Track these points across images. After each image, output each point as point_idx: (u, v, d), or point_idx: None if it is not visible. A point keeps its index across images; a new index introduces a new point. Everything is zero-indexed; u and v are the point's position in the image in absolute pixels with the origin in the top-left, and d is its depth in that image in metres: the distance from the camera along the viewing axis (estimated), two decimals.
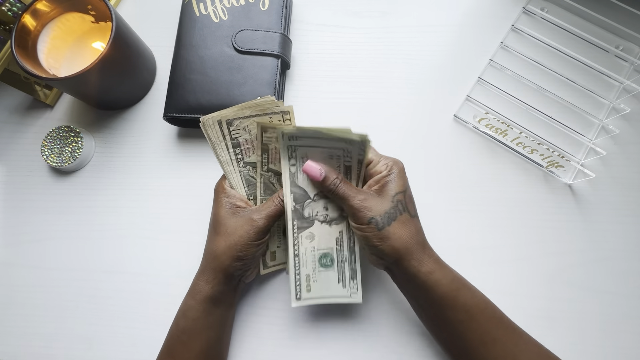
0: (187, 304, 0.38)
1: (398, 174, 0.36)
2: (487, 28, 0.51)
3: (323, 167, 0.37)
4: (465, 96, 0.48)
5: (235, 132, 0.39)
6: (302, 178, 0.38)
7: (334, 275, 0.39)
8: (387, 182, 0.36)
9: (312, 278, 0.38)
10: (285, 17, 0.50)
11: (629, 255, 0.43)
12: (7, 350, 0.45)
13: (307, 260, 0.38)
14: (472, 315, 0.34)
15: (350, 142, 0.36)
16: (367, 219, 0.34)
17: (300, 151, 0.37)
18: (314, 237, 0.38)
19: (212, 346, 0.38)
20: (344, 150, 0.37)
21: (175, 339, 0.38)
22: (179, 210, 0.48)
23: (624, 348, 0.40)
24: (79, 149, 0.49)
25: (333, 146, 0.37)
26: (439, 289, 0.34)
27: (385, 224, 0.34)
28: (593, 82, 0.48)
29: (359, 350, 0.41)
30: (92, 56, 0.44)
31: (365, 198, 0.35)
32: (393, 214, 0.35)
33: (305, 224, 0.38)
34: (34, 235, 0.49)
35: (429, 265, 0.35)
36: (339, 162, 0.38)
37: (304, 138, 0.37)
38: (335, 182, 0.36)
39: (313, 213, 0.38)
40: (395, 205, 0.35)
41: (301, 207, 0.38)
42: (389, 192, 0.36)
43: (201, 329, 0.37)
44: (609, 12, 0.48)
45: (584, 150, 0.46)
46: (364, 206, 0.35)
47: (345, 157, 0.37)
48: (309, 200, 0.38)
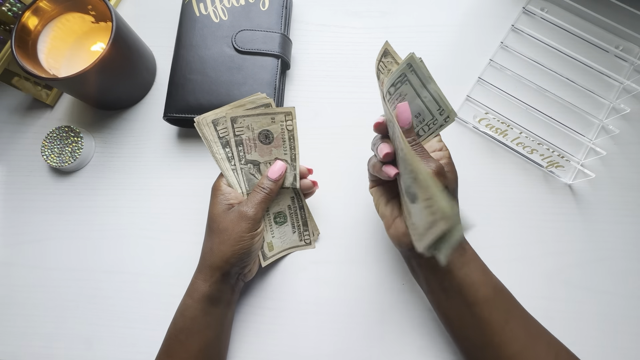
0: (185, 303, 0.38)
1: (452, 167, 0.36)
2: (487, 28, 0.51)
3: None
4: (465, 96, 0.48)
5: (239, 130, 0.39)
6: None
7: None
8: (450, 162, 0.36)
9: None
10: (285, 17, 0.50)
11: (628, 255, 0.43)
12: (7, 350, 0.45)
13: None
14: (497, 291, 0.34)
15: (442, 112, 0.35)
16: (442, 185, 0.33)
17: (404, 88, 0.35)
18: None
19: (210, 345, 0.38)
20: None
21: (174, 338, 0.38)
22: (179, 210, 0.48)
23: (623, 348, 0.40)
24: (79, 149, 0.49)
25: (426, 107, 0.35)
26: (473, 292, 0.34)
27: (453, 196, 0.35)
28: (593, 82, 0.48)
29: (359, 349, 0.42)
30: (92, 56, 0.44)
31: (441, 167, 0.33)
32: (455, 194, 0.35)
33: None
34: (34, 235, 0.49)
35: (470, 249, 0.35)
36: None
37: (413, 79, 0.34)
38: (415, 139, 0.34)
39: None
40: (456, 187, 0.36)
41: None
42: (454, 172, 0.36)
43: (199, 328, 0.37)
44: (609, 12, 0.48)
45: (584, 150, 0.46)
46: (443, 173, 0.33)
47: (426, 124, 0.36)
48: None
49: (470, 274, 0.34)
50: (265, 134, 0.39)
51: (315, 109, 0.50)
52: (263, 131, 0.39)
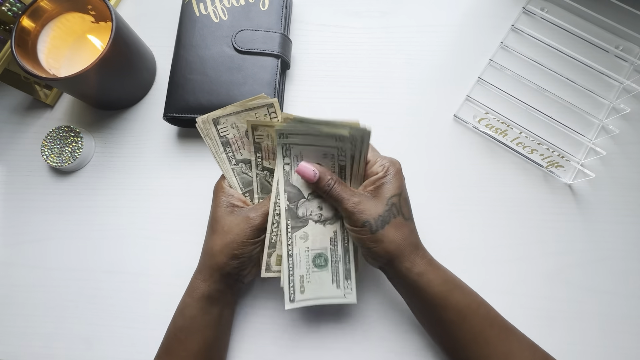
0: (184, 302, 0.38)
1: (394, 176, 0.36)
2: (487, 28, 0.51)
3: (317, 167, 0.36)
4: (465, 96, 0.48)
5: (223, 130, 0.39)
6: (296, 177, 0.38)
7: (328, 275, 0.38)
8: (383, 184, 0.36)
9: (306, 279, 0.37)
10: (285, 17, 0.50)
11: (629, 255, 0.43)
12: (7, 350, 0.45)
13: (300, 260, 0.37)
14: (464, 315, 0.34)
15: (341, 139, 0.35)
16: (361, 222, 0.35)
17: (294, 150, 0.37)
18: (308, 237, 0.38)
19: (209, 345, 0.38)
20: (338, 149, 0.37)
21: (173, 337, 0.38)
22: (179, 210, 0.48)
23: (623, 348, 0.40)
24: (79, 149, 0.49)
25: (327, 144, 0.36)
26: (430, 289, 0.34)
27: (378, 227, 0.34)
28: (593, 82, 0.48)
29: (358, 350, 0.42)
30: (92, 56, 0.44)
31: (359, 201, 0.35)
32: (387, 217, 0.35)
33: (299, 224, 0.38)
34: (34, 235, 0.49)
35: (420, 266, 0.35)
36: (333, 161, 0.37)
37: (296, 135, 0.36)
38: (329, 184, 0.36)
39: (307, 212, 0.38)
40: (390, 208, 0.35)
41: (295, 207, 0.38)
42: (384, 195, 0.35)
43: (198, 328, 0.37)
44: (609, 12, 0.48)
45: (584, 150, 0.46)
46: (358, 209, 0.35)
47: (340, 156, 0.37)
48: (303, 199, 0.38)
49: (428, 279, 0.35)
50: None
51: (315, 109, 0.50)
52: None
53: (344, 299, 0.38)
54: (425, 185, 0.46)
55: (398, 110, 0.49)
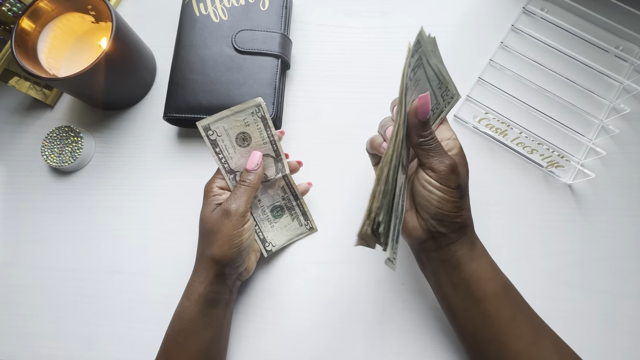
0: (182, 306, 0.38)
1: (464, 158, 0.36)
2: (487, 28, 0.51)
3: None
4: (465, 96, 0.48)
5: (213, 136, 0.39)
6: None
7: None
8: (460, 153, 0.35)
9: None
10: (285, 17, 0.50)
11: (628, 255, 0.43)
12: (6, 350, 0.45)
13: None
14: (505, 287, 0.35)
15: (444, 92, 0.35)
16: (456, 183, 0.33)
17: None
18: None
19: (209, 347, 0.38)
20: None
21: (172, 340, 0.37)
22: (179, 210, 0.48)
23: (623, 348, 0.40)
24: (79, 149, 0.49)
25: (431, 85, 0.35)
26: (480, 284, 0.34)
27: (464, 194, 0.34)
28: (593, 82, 0.48)
29: (359, 349, 0.41)
30: (92, 56, 0.44)
31: (454, 163, 0.33)
32: (467, 189, 0.35)
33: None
34: (34, 235, 0.49)
35: (480, 245, 0.36)
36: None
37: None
38: (432, 132, 0.33)
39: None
40: (467, 182, 0.35)
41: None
42: (466, 164, 0.35)
43: (197, 330, 0.37)
44: (609, 12, 0.48)
45: (584, 150, 0.46)
46: (457, 170, 0.33)
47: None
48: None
49: (479, 270, 0.34)
50: (242, 137, 0.40)
51: (315, 109, 0.50)
52: (239, 134, 0.39)
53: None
54: None
55: None
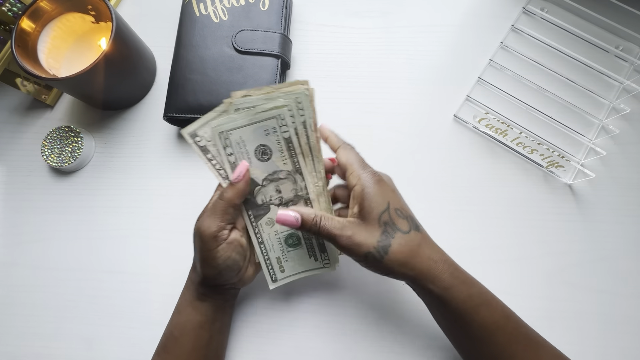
0: (181, 300, 0.39)
1: (374, 189, 0.33)
2: (487, 28, 0.51)
3: (297, 209, 0.34)
4: (465, 96, 0.48)
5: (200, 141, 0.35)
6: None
7: (304, 252, 0.39)
8: (364, 200, 0.33)
9: (283, 259, 0.39)
10: (285, 17, 0.50)
11: (629, 255, 0.43)
12: (7, 350, 0.45)
13: (273, 244, 0.38)
14: (490, 332, 0.33)
15: (276, 108, 0.33)
16: (362, 254, 0.32)
17: (234, 135, 0.34)
18: (273, 222, 0.37)
19: (204, 345, 0.38)
20: (277, 119, 0.34)
21: (169, 334, 0.38)
22: (179, 210, 0.48)
23: (624, 348, 0.40)
24: (79, 149, 0.49)
25: (264, 118, 0.33)
26: (455, 305, 0.32)
27: (382, 253, 0.32)
28: (593, 82, 0.48)
29: (359, 350, 0.42)
30: (92, 56, 0.44)
31: (352, 233, 0.32)
32: (386, 241, 0.32)
33: (261, 212, 0.37)
34: (34, 235, 0.49)
35: (443, 281, 0.32)
36: (277, 135, 0.34)
37: (232, 123, 0.34)
38: (315, 223, 0.33)
39: (266, 198, 0.37)
40: (385, 230, 0.32)
41: (252, 196, 0.36)
42: (372, 216, 0.32)
43: (192, 327, 0.37)
44: (609, 12, 0.48)
45: (584, 150, 0.46)
46: (354, 243, 0.32)
47: (282, 127, 0.34)
48: (259, 186, 0.36)
49: (451, 310, 0.33)
50: (263, 150, 0.35)
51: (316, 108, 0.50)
52: (259, 146, 0.35)
53: (323, 269, 0.40)
54: (425, 185, 0.46)
55: (398, 110, 0.49)
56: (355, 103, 0.50)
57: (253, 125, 0.34)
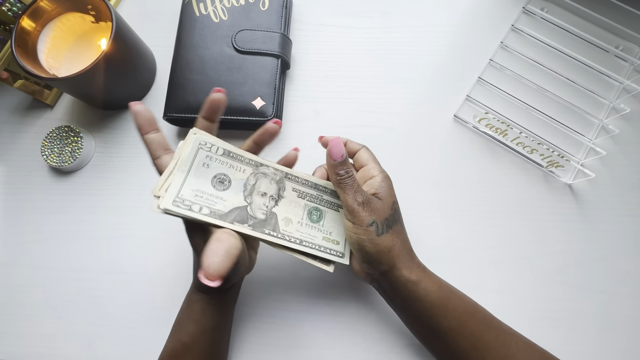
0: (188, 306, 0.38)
1: (389, 184, 0.36)
2: (487, 28, 0.51)
3: (345, 150, 0.34)
4: (465, 96, 0.48)
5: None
6: (221, 206, 0.33)
7: (332, 214, 0.37)
8: (383, 187, 0.35)
9: (328, 232, 0.36)
10: (285, 17, 0.50)
11: (628, 255, 0.43)
12: (7, 350, 0.45)
13: (309, 233, 0.36)
14: (462, 321, 0.34)
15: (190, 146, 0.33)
16: (369, 221, 0.33)
17: (186, 193, 0.31)
18: (289, 219, 0.35)
19: (214, 348, 0.38)
20: (201, 148, 0.33)
21: (178, 341, 0.37)
22: None
23: (623, 348, 0.40)
24: (79, 149, 0.49)
25: (192, 158, 0.33)
26: (428, 297, 0.34)
27: (383, 230, 0.34)
28: (593, 82, 0.48)
29: (359, 350, 0.42)
30: (92, 56, 0.44)
31: (368, 199, 0.34)
32: (391, 221, 0.35)
33: (272, 221, 0.35)
34: (34, 235, 0.49)
35: (417, 274, 0.35)
36: (215, 159, 0.34)
37: (175, 186, 0.32)
38: (348, 171, 0.34)
39: (264, 208, 0.35)
40: (394, 213, 0.35)
41: (254, 218, 0.34)
42: (388, 198, 0.35)
43: (204, 332, 0.37)
44: (609, 12, 0.48)
45: (584, 150, 0.46)
46: (369, 207, 0.34)
47: (212, 149, 0.34)
48: (247, 205, 0.34)
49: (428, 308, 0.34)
50: (219, 180, 0.34)
51: (316, 109, 0.50)
52: (213, 179, 0.33)
53: (341, 259, 0.37)
54: (425, 185, 0.46)
55: (398, 110, 0.49)
56: (355, 103, 0.50)
57: (192, 171, 0.32)
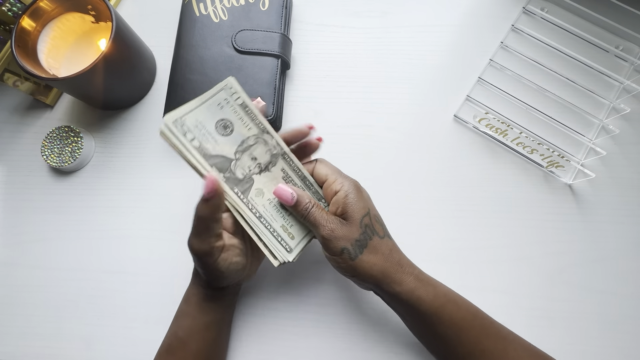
0: (186, 301, 0.38)
1: (357, 195, 0.35)
2: (487, 28, 0.51)
3: (295, 190, 0.35)
4: (465, 96, 0.48)
5: (190, 135, 0.34)
6: (211, 146, 0.34)
7: None
8: (348, 204, 0.35)
9: (288, 225, 0.37)
10: (285, 17, 0.50)
11: (629, 255, 0.43)
12: (7, 350, 0.45)
13: (272, 214, 0.36)
14: (459, 328, 0.34)
15: (222, 89, 0.34)
16: (339, 249, 0.34)
17: (189, 121, 0.33)
18: (262, 191, 0.36)
19: (209, 345, 0.38)
20: (225, 90, 0.35)
21: (174, 336, 0.38)
22: (179, 210, 0.48)
23: (623, 348, 0.40)
24: (79, 149, 0.49)
25: (213, 94, 0.34)
26: (422, 306, 0.34)
27: (357, 252, 0.34)
28: (593, 82, 0.48)
29: (358, 349, 0.42)
30: (92, 56, 0.44)
31: (335, 227, 0.34)
32: (363, 241, 0.34)
33: (246, 185, 0.35)
34: (34, 235, 0.49)
35: (409, 283, 0.34)
36: (231, 105, 0.35)
37: (183, 109, 0.33)
38: (307, 207, 0.35)
39: (246, 170, 0.36)
40: (364, 231, 0.34)
41: (231, 173, 0.35)
42: (355, 217, 0.34)
43: (198, 328, 0.37)
44: (609, 12, 0.48)
45: (584, 150, 0.46)
46: (335, 236, 0.34)
47: (233, 96, 0.35)
48: (234, 160, 0.35)
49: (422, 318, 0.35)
50: (223, 124, 0.35)
51: (315, 109, 0.50)
52: (219, 122, 0.34)
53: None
54: (425, 185, 0.46)
55: (398, 110, 0.49)
56: (355, 103, 0.50)
57: (205, 104, 0.34)
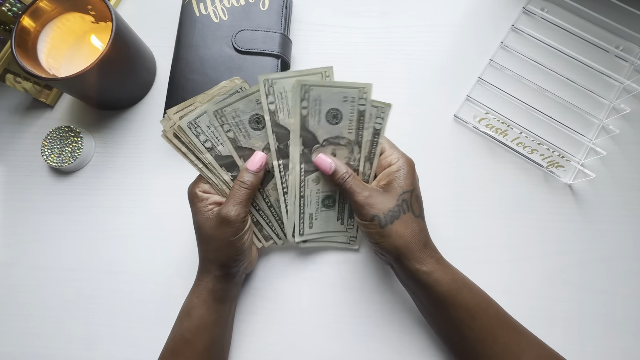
0: (191, 303, 0.38)
1: (408, 172, 0.37)
2: (487, 28, 0.51)
3: (334, 160, 0.38)
4: (465, 96, 0.48)
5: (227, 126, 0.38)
6: (312, 122, 0.38)
7: (334, 214, 0.42)
8: (396, 178, 0.37)
9: (315, 217, 0.41)
10: (285, 17, 0.50)
11: (629, 255, 0.43)
12: (7, 351, 0.45)
13: (311, 201, 0.40)
14: (473, 314, 0.34)
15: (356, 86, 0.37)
16: (370, 215, 0.35)
17: (314, 92, 0.36)
18: (319, 180, 0.40)
19: (215, 343, 0.38)
20: (359, 90, 0.37)
21: (179, 337, 0.38)
22: (179, 210, 0.48)
23: (624, 348, 0.40)
24: (79, 149, 0.49)
25: (347, 86, 0.37)
26: (439, 288, 0.34)
27: (387, 222, 0.35)
28: (593, 82, 0.48)
29: (362, 349, 0.41)
30: (92, 56, 0.44)
31: (370, 195, 0.36)
32: (396, 213, 0.35)
33: (312, 168, 0.39)
34: (34, 235, 0.49)
35: (429, 264, 0.35)
36: (353, 105, 0.37)
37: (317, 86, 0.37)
38: (343, 177, 0.37)
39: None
40: (400, 204, 0.36)
41: (309, 152, 0.38)
42: (396, 190, 0.36)
43: (206, 327, 0.37)
44: (609, 12, 0.48)
45: (584, 150, 0.46)
46: (368, 203, 0.35)
47: (360, 100, 0.37)
48: (317, 145, 0.38)
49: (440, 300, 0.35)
50: (334, 113, 0.38)
51: None
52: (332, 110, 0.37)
53: (346, 233, 0.43)
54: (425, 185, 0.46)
55: (398, 110, 0.49)
56: None
57: (337, 89, 0.37)
